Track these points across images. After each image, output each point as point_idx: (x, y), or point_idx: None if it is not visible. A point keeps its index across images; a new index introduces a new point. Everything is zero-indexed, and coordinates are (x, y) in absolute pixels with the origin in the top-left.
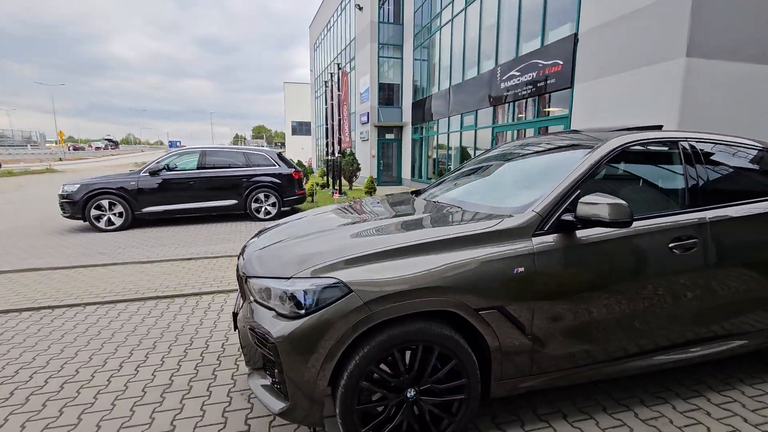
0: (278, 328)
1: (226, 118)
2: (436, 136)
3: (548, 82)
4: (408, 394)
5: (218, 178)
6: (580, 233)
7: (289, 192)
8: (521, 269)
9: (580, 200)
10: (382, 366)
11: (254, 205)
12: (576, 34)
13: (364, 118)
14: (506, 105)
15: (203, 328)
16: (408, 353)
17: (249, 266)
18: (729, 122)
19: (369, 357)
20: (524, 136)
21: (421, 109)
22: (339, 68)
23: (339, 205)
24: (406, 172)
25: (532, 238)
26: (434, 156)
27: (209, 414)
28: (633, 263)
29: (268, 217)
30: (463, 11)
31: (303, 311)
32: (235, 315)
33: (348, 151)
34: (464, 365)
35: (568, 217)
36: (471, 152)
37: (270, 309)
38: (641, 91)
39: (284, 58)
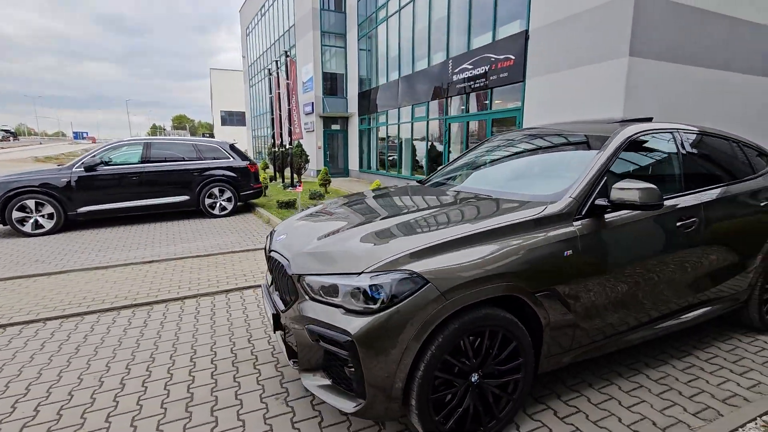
0: (354, 324)
1: (140, 106)
2: (385, 127)
3: (501, 75)
4: (473, 379)
5: (167, 173)
6: (608, 216)
7: (246, 186)
8: (570, 252)
9: (614, 186)
10: (454, 354)
11: (208, 201)
12: (527, 31)
13: (308, 109)
14: (459, 97)
15: (201, 335)
16: (473, 339)
17: (302, 264)
18: (663, 118)
19: (443, 346)
20: (478, 127)
21: (369, 100)
22: (287, 56)
23: (349, 198)
24: (353, 163)
25: (573, 223)
26: (384, 147)
27: (250, 423)
28: (650, 242)
29: (223, 213)
30: (411, 3)
31: (377, 306)
32: (276, 316)
33: (296, 142)
34: (522, 346)
35: (601, 201)
36: (423, 144)
37: (336, 306)
38: (589, 88)
39: (205, 42)
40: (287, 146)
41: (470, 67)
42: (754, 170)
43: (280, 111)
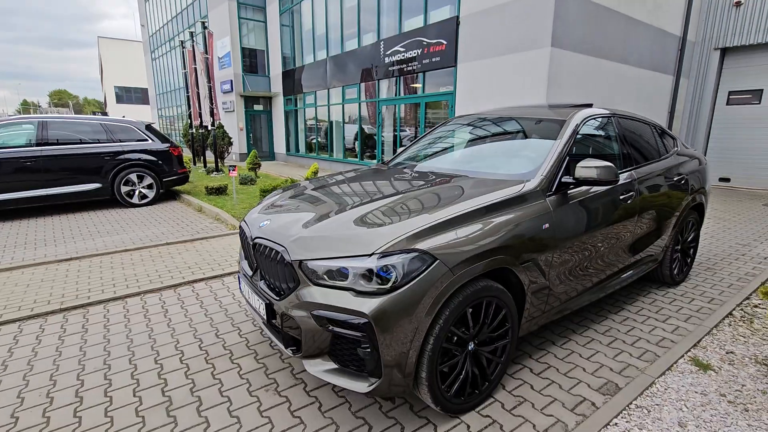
0: (369, 305)
1: (1, 78)
2: (314, 109)
3: (433, 59)
4: (470, 347)
5: (71, 157)
6: (569, 192)
7: (169, 171)
8: (547, 225)
9: (578, 165)
10: (457, 325)
11: (125, 189)
12: (458, 17)
13: (227, 87)
14: (391, 79)
15: (158, 335)
16: (472, 310)
17: (302, 250)
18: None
19: (449, 319)
20: (411, 110)
21: (294, 80)
22: (204, 27)
23: (323, 181)
24: (279, 146)
25: (546, 199)
26: (314, 129)
27: (246, 419)
28: (602, 213)
29: (144, 202)
30: None
31: (389, 286)
32: (269, 306)
33: (218, 123)
34: (510, 313)
35: (566, 179)
36: (355, 126)
37: (345, 289)
38: (515, 74)
39: (86, 4)
40: (209, 127)
41: (402, 49)
42: (667, 150)
43: (197, 88)
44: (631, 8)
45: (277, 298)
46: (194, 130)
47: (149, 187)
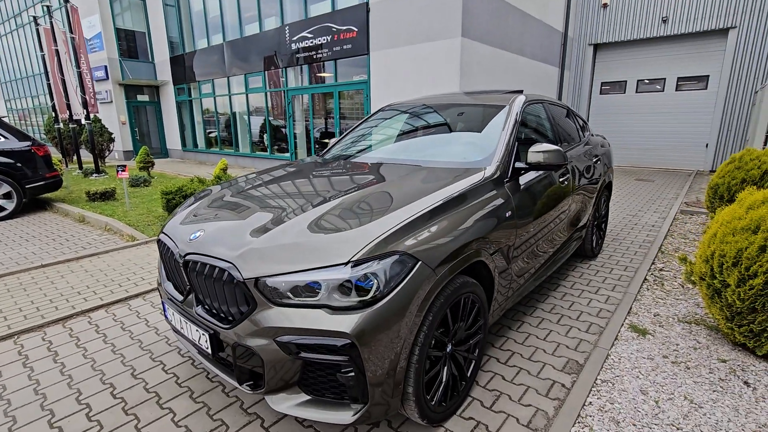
0: (350, 323)
1: None
2: (212, 99)
3: (344, 47)
4: (448, 349)
5: None
6: (521, 178)
7: (33, 176)
8: (509, 212)
9: (530, 150)
10: (438, 329)
11: None
12: (367, 3)
13: (100, 74)
14: (300, 67)
15: (47, 388)
16: (451, 310)
17: (257, 264)
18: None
19: (433, 323)
20: (324, 100)
21: (186, 67)
22: (66, 0)
23: (259, 179)
24: (173, 141)
25: (505, 186)
26: (214, 122)
27: None
28: (548, 195)
29: (2, 214)
30: None
31: (370, 296)
32: (215, 336)
33: (94, 116)
34: (483, 306)
35: (519, 164)
36: (262, 118)
37: (317, 307)
38: (428, 63)
39: None
40: (82, 121)
41: (310, 35)
42: (584, 133)
43: (62, 74)
44: (525, 4)
45: (226, 327)
46: (62, 125)
47: (6, 196)
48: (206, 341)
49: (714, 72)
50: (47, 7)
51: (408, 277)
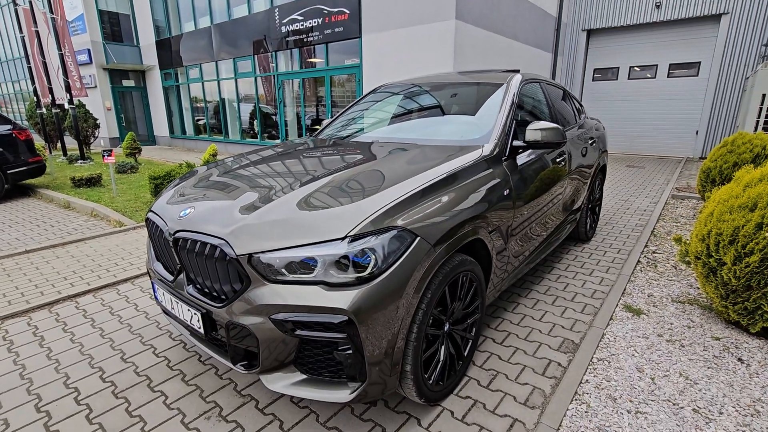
0: (347, 299)
1: None
2: (201, 84)
3: (336, 30)
4: (445, 328)
5: None
6: (519, 157)
7: (16, 161)
8: (507, 191)
9: (528, 128)
10: (437, 307)
11: None
12: None
13: (83, 57)
14: (291, 51)
15: (33, 372)
16: (450, 288)
17: (251, 240)
18: None
19: (432, 301)
20: (316, 84)
21: (173, 51)
22: None
23: (248, 157)
24: (160, 128)
25: (504, 164)
26: (204, 107)
27: None
28: (545, 175)
29: None
30: None
31: (367, 272)
32: (207, 315)
33: (77, 101)
34: (480, 285)
35: (517, 142)
36: (252, 103)
37: (313, 283)
38: (421, 46)
39: None
40: (65, 106)
41: (301, 18)
42: (580, 115)
43: (43, 57)
44: None
45: (218, 305)
46: (45, 111)
47: None
48: (198, 321)
49: (705, 58)
50: None
51: (406, 253)
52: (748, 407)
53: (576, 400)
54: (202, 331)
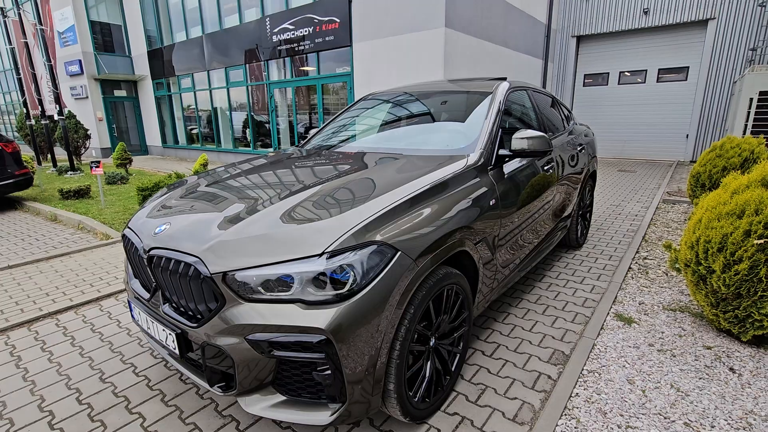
0: (325, 318)
1: None
2: (192, 93)
3: (327, 38)
4: (431, 343)
5: None
6: (505, 166)
7: (2, 173)
8: (493, 201)
9: (513, 136)
10: (421, 323)
11: None
12: None
13: (75, 68)
14: (282, 60)
15: (8, 396)
16: (434, 302)
17: (226, 258)
18: None
19: (415, 317)
20: (307, 93)
21: (164, 61)
22: None
23: (229, 170)
24: (152, 138)
25: (489, 173)
26: (195, 117)
27: None
28: (533, 184)
29: None
30: None
31: (346, 290)
32: (183, 335)
33: (68, 112)
34: (467, 298)
35: (503, 151)
36: (244, 112)
37: (290, 302)
38: (412, 54)
39: None
40: (55, 117)
41: (292, 27)
42: (568, 121)
43: (32, 68)
44: None
45: (194, 325)
46: (34, 122)
47: None
48: (173, 341)
49: (694, 63)
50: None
51: (387, 269)
52: (740, 419)
53: (566, 415)
54: (177, 351)
